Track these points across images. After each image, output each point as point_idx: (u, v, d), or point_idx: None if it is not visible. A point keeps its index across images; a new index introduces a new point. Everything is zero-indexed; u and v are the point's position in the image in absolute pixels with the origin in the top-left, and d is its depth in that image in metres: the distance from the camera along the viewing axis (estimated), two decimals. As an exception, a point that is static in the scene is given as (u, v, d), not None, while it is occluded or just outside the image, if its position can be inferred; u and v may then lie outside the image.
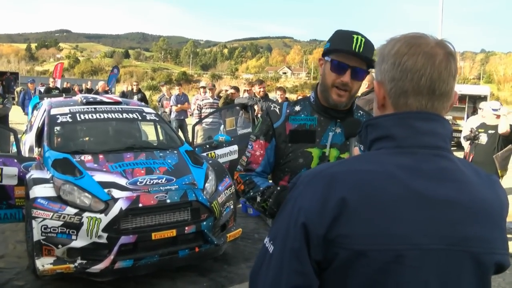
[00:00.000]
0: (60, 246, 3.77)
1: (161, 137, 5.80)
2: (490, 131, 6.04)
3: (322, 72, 1.94)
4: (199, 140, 9.23)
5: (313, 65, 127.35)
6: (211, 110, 9.83)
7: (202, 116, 9.83)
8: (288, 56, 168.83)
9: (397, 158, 1.02)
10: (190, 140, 6.50)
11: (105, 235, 3.77)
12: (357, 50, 1.81)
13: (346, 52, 1.82)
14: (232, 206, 4.82)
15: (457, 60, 1.08)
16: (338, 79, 1.85)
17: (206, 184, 4.54)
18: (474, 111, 15.91)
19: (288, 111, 2.03)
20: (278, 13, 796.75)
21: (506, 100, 54.66)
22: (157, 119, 5.72)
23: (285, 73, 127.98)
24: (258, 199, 2.00)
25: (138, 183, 4.13)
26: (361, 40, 1.82)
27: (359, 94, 6.06)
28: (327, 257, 0.97)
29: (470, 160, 6.05)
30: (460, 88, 17.27)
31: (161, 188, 4.15)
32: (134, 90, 13.63)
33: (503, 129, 5.72)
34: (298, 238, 0.98)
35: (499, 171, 5.91)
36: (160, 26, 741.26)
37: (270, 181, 2.09)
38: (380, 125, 1.08)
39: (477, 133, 6.02)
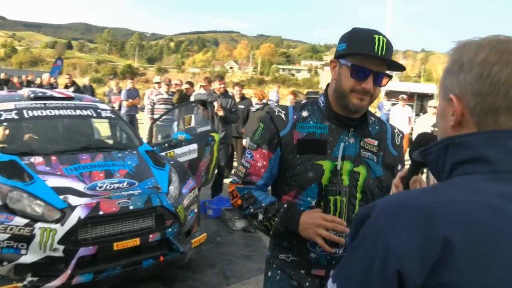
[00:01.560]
0: (5, 263, 3.31)
1: (118, 136, 5.38)
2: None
3: (337, 77, 1.70)
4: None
5: (260, 60, 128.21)
6: (165, 106, 9.56)
7: (155, 112, 9.51)
8: (235, 51, 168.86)
9: (495, 186, 0.81)
10: (147, 138, 6.11)
11: (61, 247, 3.36)
12: (380, 53, 1.58)
13: (370, 57, 1.59)
14: (196, 210, 4.54)
15: None
16: (358, 86, 1.63)
17: (170, 187, 4.22)
18: (421, 109, 16.41)
19: (295, 117, 1.78)
20: (225, 7, 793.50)
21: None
22: (113, 116, 5.28)
23: (231, 67, 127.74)
24: (260, 217, 1.74)
25: (97, 188, 3.74)
26: (383, 41, 1.59)
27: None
28: None
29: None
30: (409, 87, 17.84)
31: (123, 193, 3.78)
32: (68, 84, 12.90)
33: None
34: None
35: None
36: (105, 17, 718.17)
37: (273, 197, 1.83)
38: (467, 145, 0.87)
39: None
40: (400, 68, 1.66)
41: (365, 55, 1.60)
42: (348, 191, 1.68)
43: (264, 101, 8.71)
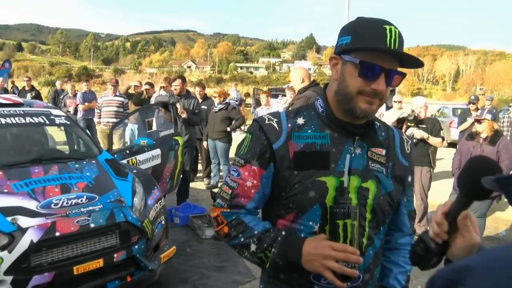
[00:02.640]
0: None
1: (74, 144, 4.93)
2: (420, 126, 6.11)
3: (339, 77, 1.40)
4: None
5: (218, 59, 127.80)
6: (108, 108, 9.33)
7: (102, 116, 9.37)
8: (192, 50, 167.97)
9: None
10: (106, 146, 5.68)
11: (9, 278, 2.92)
12: (392, 46, 1.30)
13: (382, 51, 1.31)
14: (163, 222, 4.18)
15: None
16: (367, 87, 1.34)
17: (134, 199, 3.85)
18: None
19: (289, 125, 1.47)
20: (181, 6, 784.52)
21: (400, 90, 59.01)
22: (68, 122, 4.81)
23: (189, 67, 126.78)
24: (253, 247, 1.43)
25: (52, 205, 3.31)
26: (395, 32, 1.31)
27: (295, 91, 5.65)
28: None
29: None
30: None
31: (82, 209, 3.39)
32: (26, 88, 12.22)
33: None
34: None
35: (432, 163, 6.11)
36: (57, 17, 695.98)
37: (267, 222, 1.52)
38: None
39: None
40: (417, 63, 1.39)
41: (376, 49, 1.31)
42: (357, 212, 1.40)
43: (227, 100, 8.42)
